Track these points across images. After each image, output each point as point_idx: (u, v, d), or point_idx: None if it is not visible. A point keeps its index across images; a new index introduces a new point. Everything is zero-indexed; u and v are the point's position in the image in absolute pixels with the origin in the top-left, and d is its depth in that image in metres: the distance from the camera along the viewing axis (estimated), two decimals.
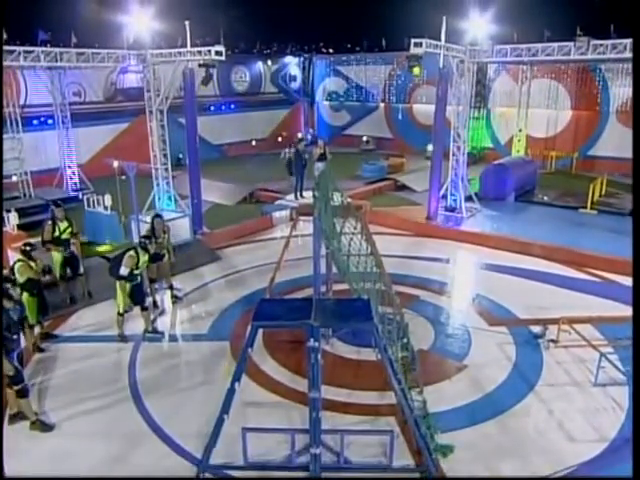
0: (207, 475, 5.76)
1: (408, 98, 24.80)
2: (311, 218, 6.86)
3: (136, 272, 8.45)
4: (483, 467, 5.92)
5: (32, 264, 8.18)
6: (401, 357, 6.91)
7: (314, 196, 6.26)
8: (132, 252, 8.41)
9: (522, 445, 6.27)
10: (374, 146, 25.22)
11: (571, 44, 12.47)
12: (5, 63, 10.97)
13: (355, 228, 7.55)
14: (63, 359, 8.18)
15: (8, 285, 6.56)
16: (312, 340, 4.88)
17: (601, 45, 12.11)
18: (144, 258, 8.58)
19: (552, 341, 8.41)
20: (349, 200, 8.73)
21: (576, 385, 7.42)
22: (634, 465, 4.11)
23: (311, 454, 5.33)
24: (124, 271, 8.24)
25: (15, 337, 6.30)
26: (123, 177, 11.54)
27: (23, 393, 6.43)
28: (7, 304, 6.25)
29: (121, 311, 8.52)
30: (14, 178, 15.60)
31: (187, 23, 12.32)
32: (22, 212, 13.08)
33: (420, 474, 5.77)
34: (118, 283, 8.38)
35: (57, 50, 11.70)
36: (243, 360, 5.20)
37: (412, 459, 6.00)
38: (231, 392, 5.33)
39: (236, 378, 5.20)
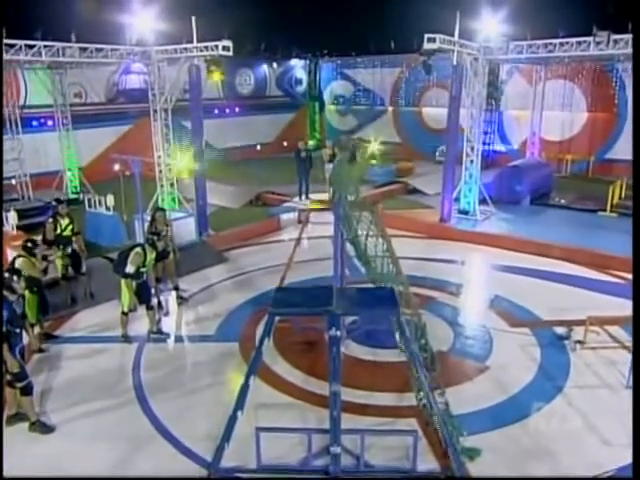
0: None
1: (417, 101, 24.76)
2: (322, 216, 6.74)
3: (143, 270, 8.26)
4: (514, 472, 5.67)
5: (34, 260, 8.03)
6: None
7: (330, 184, 6.11)
8: (139, 249, 8.23)
9: (553, 449, 6.01)
10: None
11: (590, 39, 12.36)
12: (6, 57, 10.93)
13: (371, 222, 7.38)
14: (64, 360, 7.99)
15: (14, 277, 6.40)
16: (334, 329, 4.68)
17: (621, 39, 11.98)
18: (151, 256, 8.40)
19: (579, 342, 8.17)
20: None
21: (607, 387, 7.19)
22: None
23: (331, 454, 5.08)
24: (130, 269, 8.05)
25: (17, 331, 6.12)
26: (127, 172, 11.42)
27: (27, 391, 6.22)
28: (11, 297, 6.08)
29: (125, 310, 8.33)
30: (13, 181, 15.53)
31: (193, 18, 12.26)
32: (21, 214, 12.97)
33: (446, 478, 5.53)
34: (123, 281, 8.19)
35: (59, 45, 11.63)
36: (259, 353, 5.00)
37: (437, 462, 5.77)
38: (245, 388, 5.14)
39: (251, 372, 5.00)
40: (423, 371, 5.15)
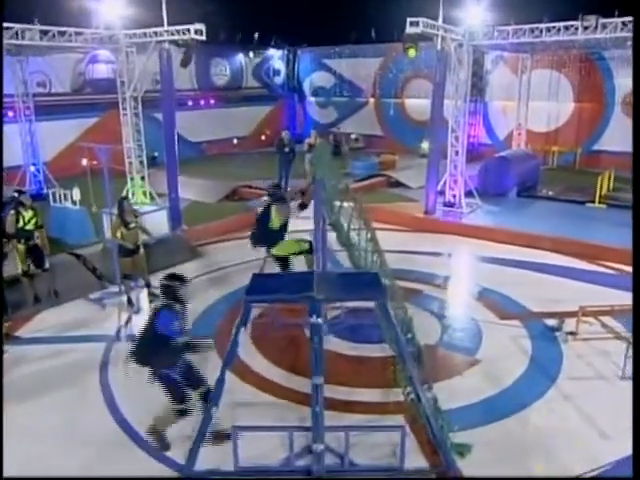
0: None
1: (400, 93, 24.70)
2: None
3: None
4: (508, 467, 5.54)
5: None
6: None
7: (311, 163, 5.94)
8: (276, 206, 8.41)
9: (549, 442, 5.90)
10: (363, 144, 24.97)
11: (578, 23, 12.36)
12: None
13: (353, 210, 7.23)
14: (26, 362, 7.67)
15: (177, 284, 5.65)
16: (315, 317, 4.50)
17: (610, 23, 12.01)
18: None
19: (571, 333, 8.12)
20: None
21: (602, 378, 7.13)
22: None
23: (314, 452, 4.89)
24: (276, 224, 8.25)
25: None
26: (95, 162, 11.09)
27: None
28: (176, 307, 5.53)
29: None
30: None
31: (164, 1, 11.98)
32: None
33: (436, 475, 5.38)
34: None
35: (18, 26, 11.25)
36: (235, 344, 4.79)
37: (425, 460, 5.62)
38: (221, 382, 4.92)
39: (226, 365, 4.79)
40: (412, 362, 4.99)
